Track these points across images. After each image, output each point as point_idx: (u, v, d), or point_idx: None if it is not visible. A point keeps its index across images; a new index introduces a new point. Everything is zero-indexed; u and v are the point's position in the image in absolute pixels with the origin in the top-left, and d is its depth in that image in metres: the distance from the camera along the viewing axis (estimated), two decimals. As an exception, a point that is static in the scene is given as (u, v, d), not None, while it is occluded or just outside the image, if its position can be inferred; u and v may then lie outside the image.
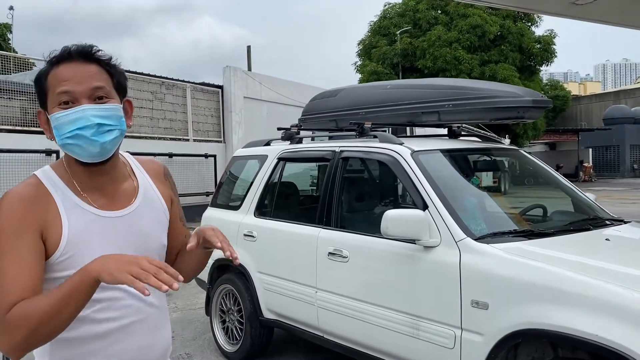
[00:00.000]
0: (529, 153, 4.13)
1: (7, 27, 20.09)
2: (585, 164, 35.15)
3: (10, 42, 20.12)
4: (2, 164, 9.95)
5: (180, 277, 1.13)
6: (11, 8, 21.88)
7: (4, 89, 10.59)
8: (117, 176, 1.39)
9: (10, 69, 11.60)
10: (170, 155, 13.59)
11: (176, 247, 1.56)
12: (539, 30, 28.04)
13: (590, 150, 37.81)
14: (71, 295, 1.15)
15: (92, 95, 1.27)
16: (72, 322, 1.20)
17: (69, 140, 1.25)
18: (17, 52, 17.60)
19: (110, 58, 1.33)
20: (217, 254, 4.37)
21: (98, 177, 1.34)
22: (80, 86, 1.25)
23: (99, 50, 1.31)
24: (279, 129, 4.41)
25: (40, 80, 1.30)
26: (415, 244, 2.90)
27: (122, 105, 1.34)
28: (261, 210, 4.19)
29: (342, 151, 3.71)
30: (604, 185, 28.52)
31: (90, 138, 1.24)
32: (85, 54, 1.29)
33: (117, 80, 1.34)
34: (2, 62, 11.22)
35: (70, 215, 1.28)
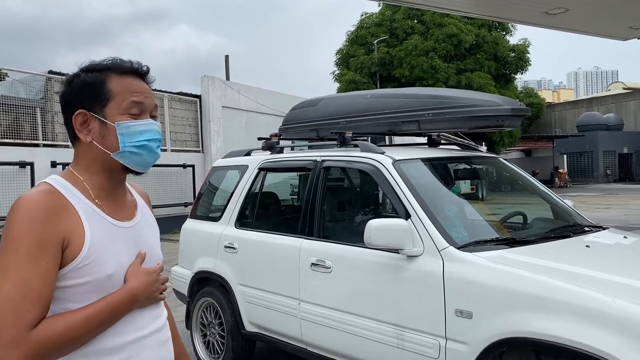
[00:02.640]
0: (506, 160, 4.17)
1: (-21, 37, 19.68)
2: (561, 170, 35.77)
3: (-19, 52, 19.75)
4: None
5: None
6: (-18, 17, 21.40)
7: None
8: (125, 189, 1.46)
9: (-19, 80, 11.36)
10: (148, 165, 13.42)
11: None
12: (513, 39, 28.48)
13: (565, 156, 38.53)
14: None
15: (152, 113, 1.38)
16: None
17: (135, 149, 1.32)
18: (-11, 62, 17.23)
19: (153, 80, 1.44)
20: (196, 266, 4.34)
21: (116, 188, 1.39)
22: (149, 101, 1.37)
23: (149, 70, 1.42)
24: (259, 138, 4.38)
25: (97, 84, 1.32)
26: (398, 253, 2.88)
27: None
28: (242, 221, 4.15)
29: (323, 161, 3.69)
30: (579, 190, 29.03)
31: (154, 150, 1.36)
32: (142, 73, 1.39)
33: None
34: (-27, 72, 10.99)
35: (90, 222, 1.28)
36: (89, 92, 1.33)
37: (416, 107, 3.81)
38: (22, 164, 10.42)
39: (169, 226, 11.26)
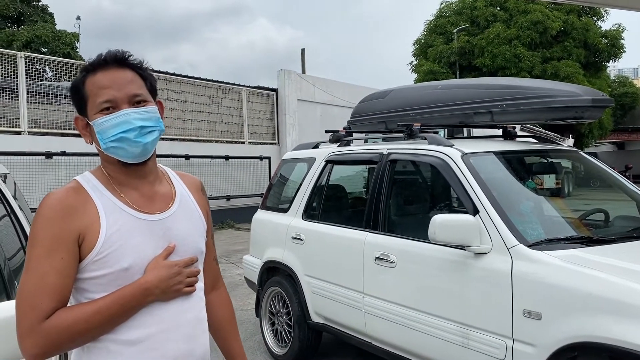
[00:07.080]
0: (595, 154, 3.92)
1: (76, 37, 21.06)
2: (658, 165, 33.17)
3: (78, 50, 21.12)
4: (70, 166, 10.47)
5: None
6: (78, 18, 22.94)
7: (70, 96, 11.11)
8: (154, 179, 1.42)
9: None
10: (227, 157, 13.86)
11: (207, 284, 1.54)
12: (605, 25, 26.74)
13: (663, 150, 35.63)
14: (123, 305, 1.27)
15: (131, 100, 1.32)
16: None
17: (113, 144, 1.30)
18: (84, 60, 18.44)
19: (142, 62, 1.38)
20: (265, 255, 4.43)
21: (135, 179, 1.37)
22: (120, 92, 1.30)
23: (130, 56, 1.36)
24: (326, 131, 4.39)
25: (78, 88, 1.34)
26: (465, 250, 2.80)
27: (157, 107, 1.39)
28: (309, 213, 4.18)
29: (390, 154, 3.64)
30: (678, 187, 26.77)
31: (134, 140, 1.30)
32: (119, 60, 1.34)
33: (150, 83, 1.39)
34: (71, 70, 11.79)
35: (109, 216, 1.30)
36: (74, 97, 1.36)
37: (489, 97, 3.65)
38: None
39: (246, 216, 11.54)
